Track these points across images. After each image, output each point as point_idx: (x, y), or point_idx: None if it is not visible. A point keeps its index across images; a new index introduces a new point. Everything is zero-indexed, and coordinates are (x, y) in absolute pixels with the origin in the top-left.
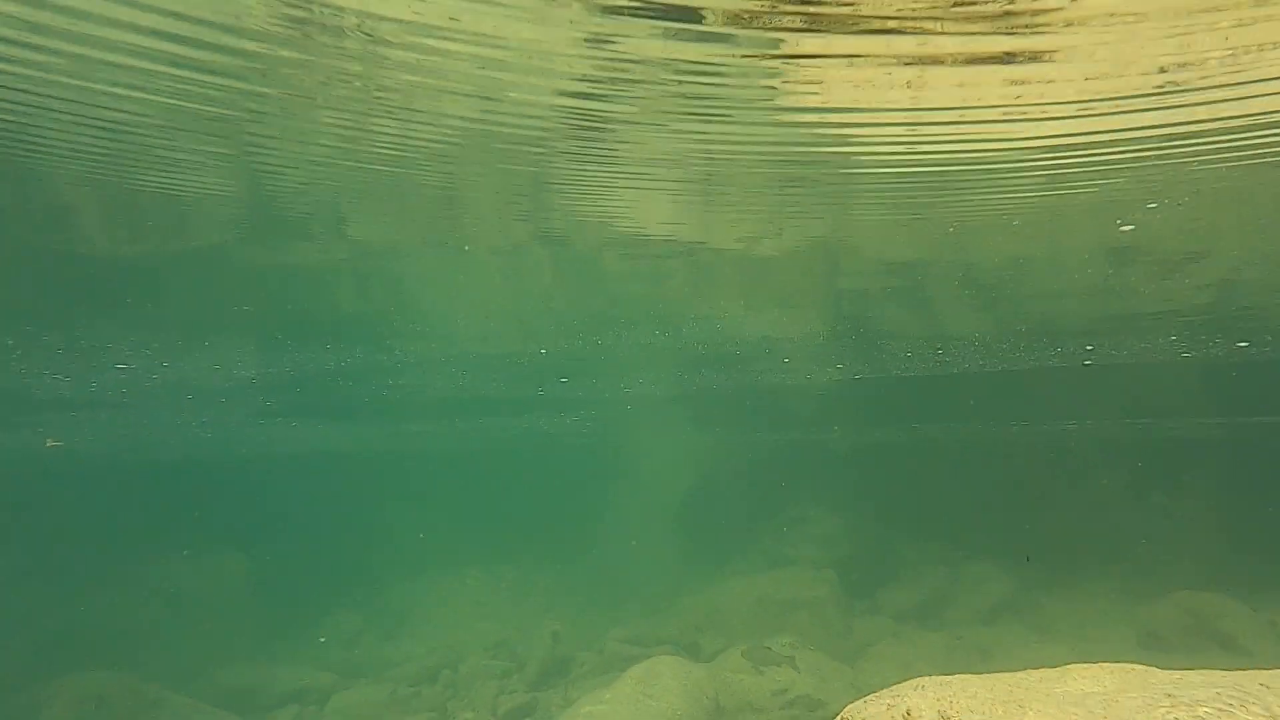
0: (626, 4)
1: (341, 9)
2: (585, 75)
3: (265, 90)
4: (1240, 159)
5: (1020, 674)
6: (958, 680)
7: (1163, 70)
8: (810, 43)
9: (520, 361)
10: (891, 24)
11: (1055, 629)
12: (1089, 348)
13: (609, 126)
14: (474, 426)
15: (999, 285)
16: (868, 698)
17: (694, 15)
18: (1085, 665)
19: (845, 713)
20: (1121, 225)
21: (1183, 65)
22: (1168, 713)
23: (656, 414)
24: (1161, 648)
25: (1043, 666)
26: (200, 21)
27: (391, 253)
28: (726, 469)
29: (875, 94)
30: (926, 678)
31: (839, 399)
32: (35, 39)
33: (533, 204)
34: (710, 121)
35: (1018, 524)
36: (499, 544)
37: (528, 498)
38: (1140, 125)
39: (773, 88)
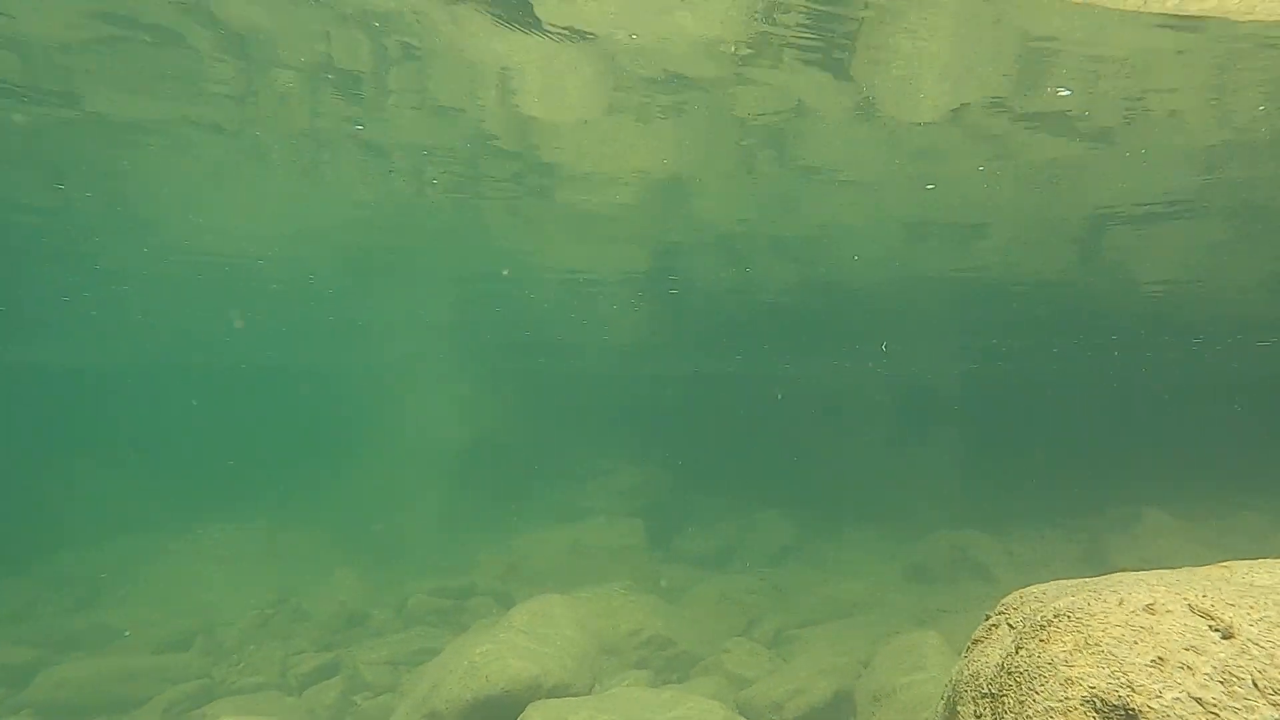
0: None
1: None
2: None
3: None
4: None
5: (1207, 569)
6: (1179, 572)
7: None
8: None
9: (285, 288)
10: None
11: (834, 568)
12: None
13: None
14: (213, 362)
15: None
16: (1067, 589)
17: None
18: (1251, 561)
19: (1055, 604)
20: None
21: None
22: None
23: (443, 359)
24: (926, 579)
25: (835, 599)
26: None
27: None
28: (519, 421)
29: None
30: (1132, 572)
31: (637, 354)
32: None
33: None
34: None
35: (796, 476)
36: (253, 498)
37: (289, 444)
38: None
39: None
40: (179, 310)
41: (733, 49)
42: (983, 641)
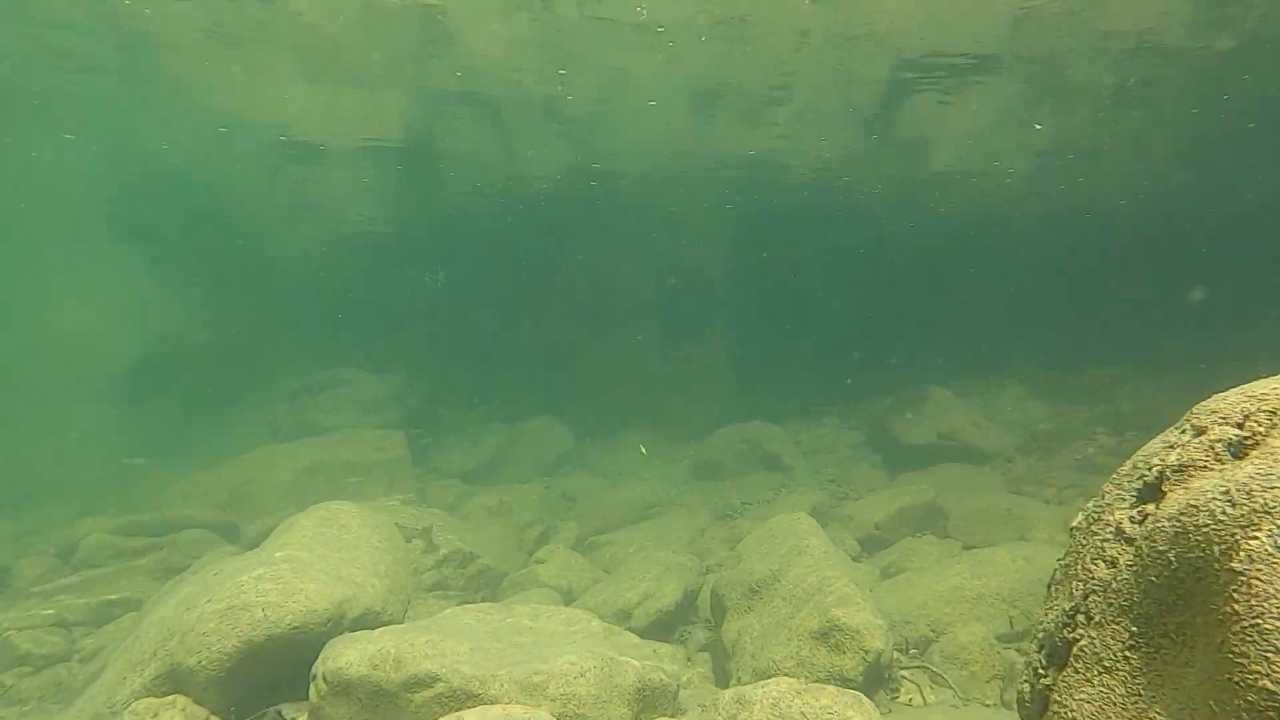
0: None
1: None
2: None
3: None
4: None
5: None
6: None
7: None
8: None
9: None
10: None
11: (617, 472)
12: None
13: None
14: None
15: None
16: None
17: None
18: None
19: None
20: None
21: None
22: None
23: (100, 238)
24: (717, 475)
25: (629, 503)
26: None
27: None
28: (218, 322)
29: None
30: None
31: (379, 245)
32: None
33: None
34: None
35: (567, 381)
36: None
37: None
38: None
39: None
40: None
41: None
42: (1202, 468)
